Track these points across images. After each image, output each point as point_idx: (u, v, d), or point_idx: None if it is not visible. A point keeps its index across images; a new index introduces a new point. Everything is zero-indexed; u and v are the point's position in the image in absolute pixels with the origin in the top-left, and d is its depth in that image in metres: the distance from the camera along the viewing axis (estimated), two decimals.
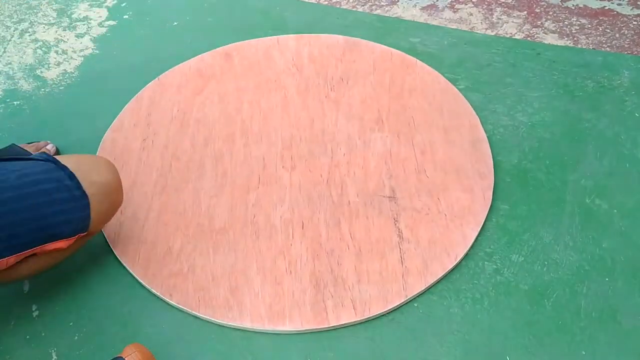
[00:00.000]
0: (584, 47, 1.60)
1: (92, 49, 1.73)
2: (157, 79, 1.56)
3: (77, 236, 1.01)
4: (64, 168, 0.99)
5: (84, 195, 0.98)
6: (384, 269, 1.11)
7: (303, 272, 1.12)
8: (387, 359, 1.01)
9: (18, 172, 0.96)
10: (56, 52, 1.71)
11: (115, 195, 1.06)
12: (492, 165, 1.27)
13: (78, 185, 0.98)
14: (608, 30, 1.66)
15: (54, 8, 1.90)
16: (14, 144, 1.27)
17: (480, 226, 1.17)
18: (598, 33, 1.65)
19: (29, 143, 1.37)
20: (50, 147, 1.37)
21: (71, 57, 1.70)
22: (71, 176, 0.98)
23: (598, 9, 1.74)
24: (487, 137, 1.33)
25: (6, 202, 0.92)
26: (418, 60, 1.55)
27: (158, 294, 1.11)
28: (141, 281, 1.13)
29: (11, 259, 0.94)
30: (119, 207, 1.10)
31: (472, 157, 1.29)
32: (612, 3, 1.76)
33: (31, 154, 1.07)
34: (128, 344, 0.97)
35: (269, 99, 1.47)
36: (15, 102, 1.56)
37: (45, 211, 0.95)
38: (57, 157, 1.02)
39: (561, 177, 1.26)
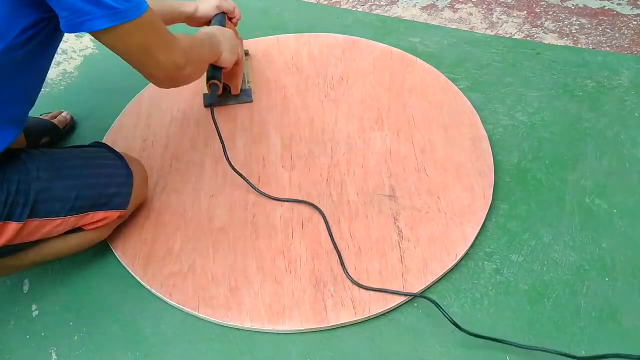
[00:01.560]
0: (584, 47, 1.61)
1: (92, 49, 1.73)
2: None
3: (119, 213, 1.12)
4: (115, 152, 1.15)
5: (130, 174, 1.14)
6: (384, 269, 1.11)
7: (303, 271, 1.12)
8: (387, 359, 1.00)
9: (85, 150, 1.14)
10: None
11: (145, 186, 1.22)
12: (492, 163, 1.27)
13: (127, 165, 1.14)
14: (608, 30, 1.66)
15: None
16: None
17: (481, 225, 1.17)
18: (598, 33, 1.65)
19: (45, 114, 1.47)
20: (65, 114, 1.48)
21: (71, 57, 1.70)
22: (121, 157, 1.15)
23: (598, 9, 1.74)
24: (487, 136, 1.33)
25: (76, 168, 1.07)
26: (418, 59, 1.55)
27: (158, 294, 1.11)
28: (141, 281, 1.13)
29: (71, 220, 1.05)
30: (144, 199, 1.24)
31: (472, 155, 1.29)
32: (612, 3, 1.76)
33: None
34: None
35: (268, 99, 1.47)
36: None
37: (104, 181, 1.09)
38: None
39: (561, 177, 1.26)
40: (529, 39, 1.65)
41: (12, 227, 0.96)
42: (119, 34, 0.89)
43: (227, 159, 1.24)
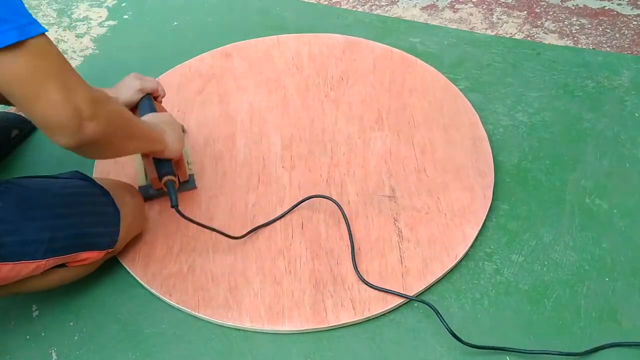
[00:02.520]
0: (584, 47, 1.60)
1: (92, 49, 1.73)
2: (157, 79, 1.55)
3: (106, 251, 1.06)
4: (99, 186, 1.05)
5: (116, 211, 1.05)
6: (384, 269, 1.11)
7: (302, 272, 1.12)
8: (387, 359, 1.00)
9: (61, 183, 1.02)
10: None
11: (139, 220, 1.15)
12: (492, 163, 1.27)
13: (113, 203, 1.05)
14: (608, 30, 1.66)
15: (54, 8, 1.90)
16: None
17: (481, 225, 1.17)
18: (598, 33, 1.65)
19: (12, 106, 1.40)
20: None
21: (71, 57, 1.70)
22: (105, 194, 1.05)
23: (598, 9, 1.74)
24: (487, 137, 1.33)
25: (51, 207, 0.96)
26: (418, 59, 1.55)
27: (158, 293, 1.11)
28: (141, 281, 1.13)
29: (50, 262, 0.96)
30: (140, 230, 1.17)
31: (472, 155, 1.29)
32: (612, 3, 1.76)
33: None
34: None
35: (268, 99, 1.47)
36: None
37: (84, 220, 1.00)
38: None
39: (561, 177, 1.26)
40: (529, 39, 1.65)
41: None
42: (1, 61, 0.73)
43: (228, 236, 1.13)
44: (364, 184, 1.25)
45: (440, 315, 1.01)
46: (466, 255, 1.13)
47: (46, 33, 0.77)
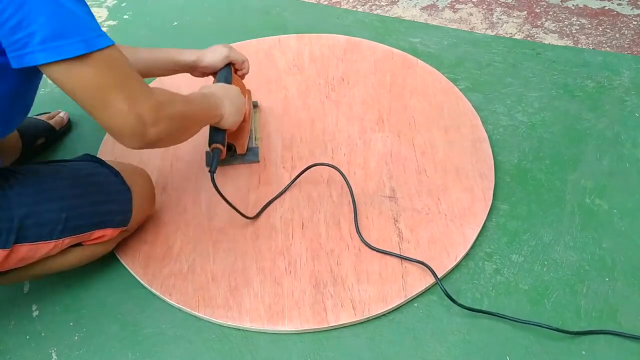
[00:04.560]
0: (584, 47, 1.61)
1: None
2: (158, 79, 1.56)
3: (120, 229, 1.09)
4: (109, 167, 1.09)
5: (127, 189, 1.08)
6: (384, 269, 1.11)
7: (302, 272, 1.12)
8: (387, 359, 1.00)
9: (72, 166, 1.07)
10: None
11: (150, 200, 1.17)
12: (492, 165, 1.27)
13: (123, 181, 1.08)
14: (608, 30, 1.66)
15: None
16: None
17: (481, 226, 1.17)
18: (598, 33, 1.65)
19: (42, 114, 1.46)
20: (62, 115, 1.46)
21: None
22: (116, 173, 1.08)
23: (598, 9, 1.74)
24: (487, 137, 1.33)
25: (65, 188, 1.01)
26: (419, 60, 1.55)
27: (158, 293, 1.11)
28: (141, 281, 1.13)
29: (65, 241, 1.01)
30: (151, 212, 1.19)
31: (472, 157, 1.29)
32: (612, 3, 1.76)
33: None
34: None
35: (269, 99, 1.47)
36: None
37: (98, 198, 1.04)
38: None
39: (561, 177, 1.26)
40: (529, 39, 1.65)
41: None
42: (69, 71, 0.79)
43: (241, 213, 1.16)
44: (364, 184, 1.25)
45: (437, 276, 1.06)
46: (466, 255, 1.13)
47: (115, 45, 0.82)
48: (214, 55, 1.25)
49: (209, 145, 1.16)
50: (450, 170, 1.27)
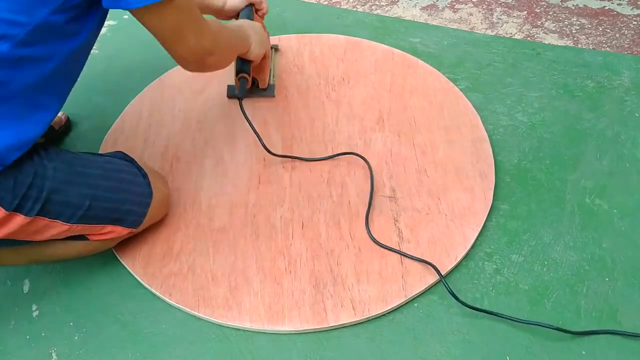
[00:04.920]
0: (584, 47, 1.60)
1: (93, 49, 1.73)
2: (158, 79, 1.56)
3: (130, 230, 1.11)
4: (140, 168, 1.13)
5: (150, 193, 1.12)
6: (384, 269, 1.11)
7: (302, 272, 1.12)
8: (387, 359, 1.01)
9: (105, 159, 1.11)
10: None
11: (164, 208, 1.20)
12: (492, 164, 1.27)
13: (149, 184, 1.12)
14: (608, 30, 1.66)
15: None
16: None
17: (481, 227, 1.17)
18: (598, 33, 1.65)
19: None
20: (60, 114, 1.46)
21: None
22: (144, 175, 1.12)
23: (598, 9, 1.74)
24: (487, 137, 1.33)
25: (96, 177, 1.05)
26: (419, 60, 1.55)
27: (158, 293, 1.11)
28: (141, 281, 1.13)
29: (78, 227, 1.03)
30: (159, 219, 1.20)
31: (472, 157, 1.29)
32: (612, 3, 1.76)
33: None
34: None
35: (269, 99, 1.47)
36: None
37: (120, 196, 1.07)
38: None
39: (561, 177, 1.26)
40: (529, 39, 1.65)
41: (19, 220, 0.94)
42: (154, 13, 0.92)
43: (265, 147, 1.27)
44: (364, 184, 1.25)
45: (441, 274, 1.06)
46: (466, 255, 1.13)
47: None
48: None
49: (236, 75, 1.30)
50: (450, 170, 1.27)
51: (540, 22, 1.71)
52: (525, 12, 1.76)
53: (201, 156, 1.35)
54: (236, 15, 1.39)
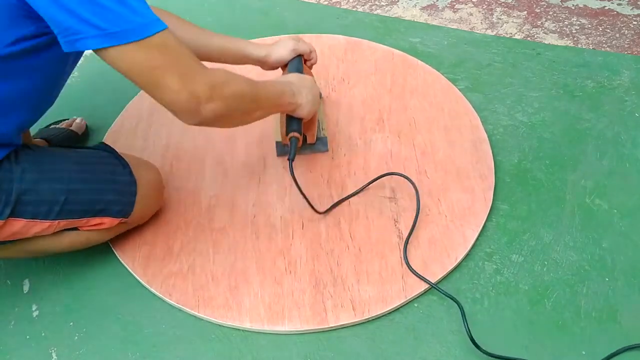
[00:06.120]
0: (584, 47, 1.61)
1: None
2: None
3: (119, 220, 1.10)
4: (119, 157, 1.11)
5: (133, 182, 1.09)
6: (384, 270, 1.11)
7: (302, 272, 1.12)
8: (387, 359, 1.01)
9: (84, 152, 1.10)
10: None
11: (158, 194, 1.18)
12: (492, 165, 1.27)
13: (130, 173, 1.09)
14: (608, 30, 1.66)
15: None
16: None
17: (481, 227, 1.17)
18: (598, 33, 1.65)
19: (61, 120, 1.46)
20: (79, 120, 1.46)
21: None
22: (124, 164, 1.10)
23: (598, 9, 1.74)
24: (487, 137, 1.33)
25: (71, 172, 1.03)
26: (419, 60, 1.55)
27: (158, 293, 1.11)
28: (141, 281, 1.13)
29: (61, 223, 1.02)
30: (157, 209, 1.20)
31: (472, 157, 1.29)
32: (612, 3, 1.76)
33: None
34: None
35: None
36: None
37: (99, 186, 1.05)
38: None
39: (561, 177, 1.26)
40: (529, 39, 1.65)
41: None
42: (118, 55, 0.83)
43: (313, 208, 1.18)
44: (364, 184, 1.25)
45: (465, 316, 1.02)
46: (466, 255, 1.13)
47: (167, 29, 0.85)
48: (282, 49, 1.28)
49: (287, 134, 1.18)
50: (450, 170, 1.27)
51: (540, 22, 1.71)
52: (525, 12, 1.76)
53: (201, 156, 1.35)
54: (284, 67, 1.30)
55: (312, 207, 1.17)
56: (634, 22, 1.68)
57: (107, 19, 0.80)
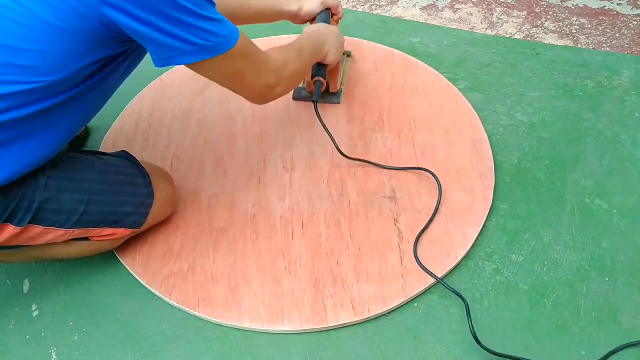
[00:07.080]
0: (584, 47, 1.61)
1: None
2: (158, 78, 1.56)
3: (132, 231, 1.11)
4: (142, 168, 1.12)
5: (151, 194, 1.11)
6: (384, 269, 1.11)
7: (302, 272, 1.12)
8: (387, 359, 1.00)
9: (104, 161, 1.10)
10: None
11: (170, 207, 1.19)
12: (492, 165, 1.27)
13: (149, 184, 1.11)
14: (608, 30, 1.66)
15: None
16: None
17: (481, 227, 1.17)
18: (598, 33, 1.65)
19: None
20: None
21: None
22: (145, 175, 1.12)
23: (598, 9, 1.74)
24: (487, 137, 1.33)
25: (93, 182, 1.04)
26: (419, 60, 1.55)
27: (158, 293, 1.11)
28: (141, 281, 1.13)
29: (76, 232, 1.03)
30: (165, 218, 1.20)
31: (472, 157, 1.29)
32: (612, 3, 1.76)
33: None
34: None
35: None
36: None
37: (119, 199, 1.07)
38: None
39: (561, 177, 1.26)
40: (529, 39, 1.65)
41: (9, 230, 0.95)
42: (209, 66, 0.93)
43: (339, 150, 1.26)
44: (364, 185, 1.25)
45: (470, 314, 1.02)
46: (466, 255, 1.13)
47: (242, 34, 0.95)
48: (313, 2, 1.38)
49: (312, 78, 1.31)
50: (450, 170, 1.27)
51: (540, 22, 1.71)
52: (525, 12, 1.76)
53: (201, 156, 1.35)
54: (313, 19, 1.40)
55: (339, 149, 1.26)
56: (634, 22, 1.68)
57: (200, 36, 0.88)
